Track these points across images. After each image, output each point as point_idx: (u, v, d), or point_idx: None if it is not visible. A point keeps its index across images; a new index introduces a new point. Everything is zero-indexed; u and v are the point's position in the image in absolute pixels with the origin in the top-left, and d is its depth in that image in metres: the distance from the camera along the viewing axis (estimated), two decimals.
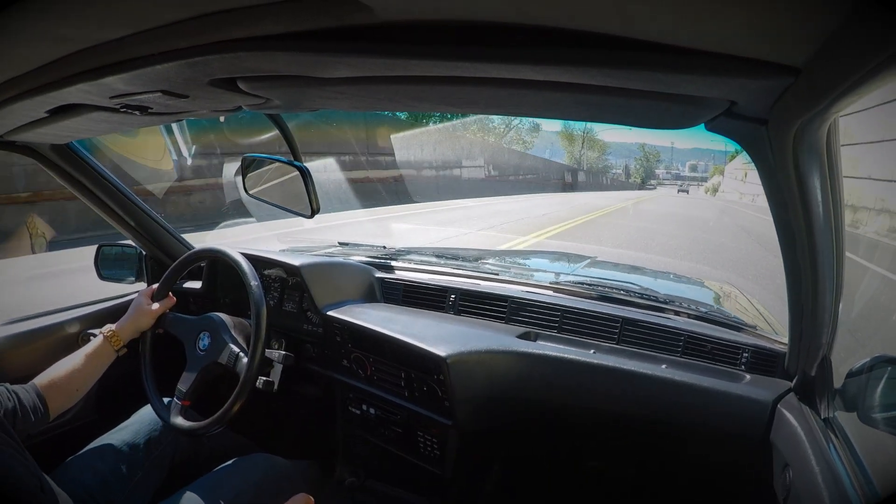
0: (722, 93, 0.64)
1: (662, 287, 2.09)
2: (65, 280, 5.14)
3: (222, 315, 1.64)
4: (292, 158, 1.35)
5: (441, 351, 1.50)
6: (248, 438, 1.80)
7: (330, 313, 1.77)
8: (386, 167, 17.08)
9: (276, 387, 1.56)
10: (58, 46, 0.72)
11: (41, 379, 1.33)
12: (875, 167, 12.88)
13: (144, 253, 1.96)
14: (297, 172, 1.33)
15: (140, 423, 1.54)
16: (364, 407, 1.79)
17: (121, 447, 1.46)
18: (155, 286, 1.67)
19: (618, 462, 1.75)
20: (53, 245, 7.50)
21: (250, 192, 1.49)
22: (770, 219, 0.93)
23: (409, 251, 2.21)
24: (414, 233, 9.88)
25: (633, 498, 1.82)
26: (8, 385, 1.24)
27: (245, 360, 1.53)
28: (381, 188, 15.98)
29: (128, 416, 1.59)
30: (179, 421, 1.52)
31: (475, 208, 15.66)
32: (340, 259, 2.03)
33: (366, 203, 13.24)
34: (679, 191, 61.22)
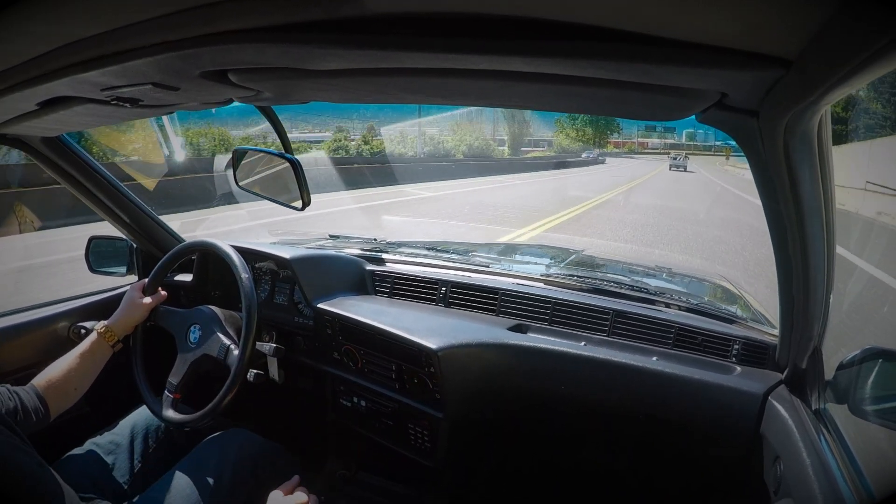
0: (713, 85, 0.65)
1: (654, 279, 2.10)
2: None
3: (213, 308, 1.64)
4: (283, 151, 1.34)
5: (432, 343, 1.50)
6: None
7: (321, 306, 1.76)
8: None
9: (268, 378, 1.56)
10: (48, 41, 0.72)
11: (39, 380, 1.34)
12: None
13: (135, 246, 1.94)
14: (288, 164, 1.32)
15: (140, 417, 1.55)
16: (355, 399, 1.79)
17: (121, 441, 1.48)
18: (146, 280, 1.66)
19: (609, 453, 1.76)
20: None
21: (241, 185, 1.48)
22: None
23: (399, 244, 2.21)
24: None
25: (624, 489, 1.82)
26: (9, 386, 1.25)
27: (236, 352, 1.52)
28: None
29: (120, 409, 1.59)
30: (170, 414, 1.51)
31: None
32: (331, 251, 2.03)
33: None
34: (672, 166, 39.57)
